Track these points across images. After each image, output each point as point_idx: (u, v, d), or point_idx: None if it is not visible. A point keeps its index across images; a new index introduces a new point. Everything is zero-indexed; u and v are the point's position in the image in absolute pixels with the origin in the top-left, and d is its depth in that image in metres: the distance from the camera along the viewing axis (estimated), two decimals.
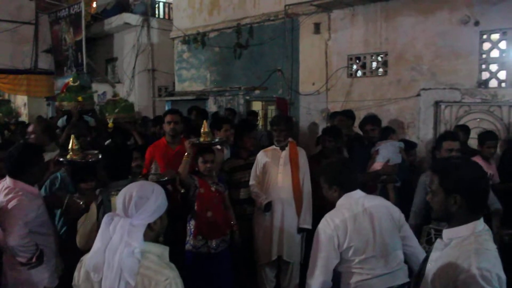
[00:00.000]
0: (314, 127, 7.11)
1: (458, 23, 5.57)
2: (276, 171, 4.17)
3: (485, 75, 5.55)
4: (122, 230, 1.75)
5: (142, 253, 1.77)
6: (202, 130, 3.77)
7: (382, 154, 4.44)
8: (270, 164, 4.20)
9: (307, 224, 4.11)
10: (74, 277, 1.91)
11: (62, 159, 3.52)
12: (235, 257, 4.05)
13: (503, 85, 5.42)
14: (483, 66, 5.53)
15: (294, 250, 4.16)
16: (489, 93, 5.42)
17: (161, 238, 1.97)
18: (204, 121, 3.94)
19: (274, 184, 4.15)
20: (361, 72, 6.74)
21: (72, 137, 3.54)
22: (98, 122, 5.84)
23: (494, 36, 5.48)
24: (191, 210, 3.72)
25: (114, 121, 5.41)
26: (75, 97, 5.56)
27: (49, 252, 3.07)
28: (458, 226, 1.87)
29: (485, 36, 5.49)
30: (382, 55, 6.44)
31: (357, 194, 2.61)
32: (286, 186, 4.12)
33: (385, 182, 4.43)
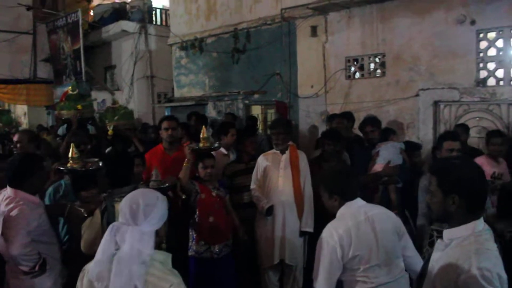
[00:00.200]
0: (313, 130, 7.11)
1: (454, 23, 5.58)
2: (276, 175, 4.16)
3: (483, 74, 5.55)
4: (132, 239, 1.74)
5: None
6: (201, 136, 3.77)
7: (383, 156, 4.43)
8: (270, 168, 4.19)
9: (309, 227, 4.10)
10: (77, 286, 1.90)
11: (62, 168, 3.53)
12: (238, 261, 4.05)
13: (501, 83, 5.42)
14: (481, 64, 5.54)
15: (297, 254, 4.15)
16: (487, 91, 5.42)
17: (163, 245, 1.98)
18: (203, 126, 3.95)
19: (275, 187, 4.14)
20: (359, 73, 6.75)
21: (72, 145, 3.55)
22: (98, 130, 5.86)
23: (491, 34, 5.49)
24: (193, 216, 3.73)
25: (114, 128, 5.43)
26: (74, 105, 5.60)
27: (52, 260, 3.08)
28: (458, 226, 1.87)
29: (481, 34, 5.50)
30: (379, 57, 6.45)
31: (358, 202, 2.58)
32: (287, 190, 4.11)
33: (386, 183, 4.43)
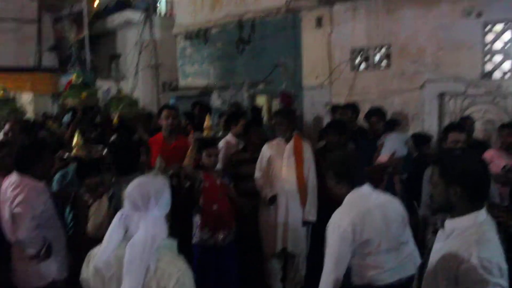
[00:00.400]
0: (318, 120, 7.11)
1: (460, 15, 5.52)
2: (280, 164, 4.17)
3: (489, 66, 5.51)
4: (146, 225, 1.76)
5: None
6: (205, 125, 3.79)
7: (388, 147, 4.44)
8: (274, 156, 4.20)
9: (312, 216, 4.13)
10: (82, 271, 1.92)
11: (66, 155, 3.57)
12: (242, 249, 4.08)
13: (507, 76, 5.39)
14: (487, 57, 5.49)
15: (299, 243, 4.18)
16: (493, 84, 5.39)
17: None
18: (207, 116, 3.97)
19: (278, 176, 4.16)
20: (364, 65, 6.73)
21: (76, 132, 3.57)
22: (103, 118, 5.89)
23: (498, 27, 5.43)
24: (197, 204, 3.76)
25: (119, 117, 5.46)
26: (79, 94, 5.63)
27: (57, 245, 3.12)
28: (460, 217, 1.87)
29: (488, 27, 5.45)
30: (385, 48, 6.41)
31: (366, 188, 2.57)
32: (290, 179, 4.12)
33: (391, 174, 4.44)
